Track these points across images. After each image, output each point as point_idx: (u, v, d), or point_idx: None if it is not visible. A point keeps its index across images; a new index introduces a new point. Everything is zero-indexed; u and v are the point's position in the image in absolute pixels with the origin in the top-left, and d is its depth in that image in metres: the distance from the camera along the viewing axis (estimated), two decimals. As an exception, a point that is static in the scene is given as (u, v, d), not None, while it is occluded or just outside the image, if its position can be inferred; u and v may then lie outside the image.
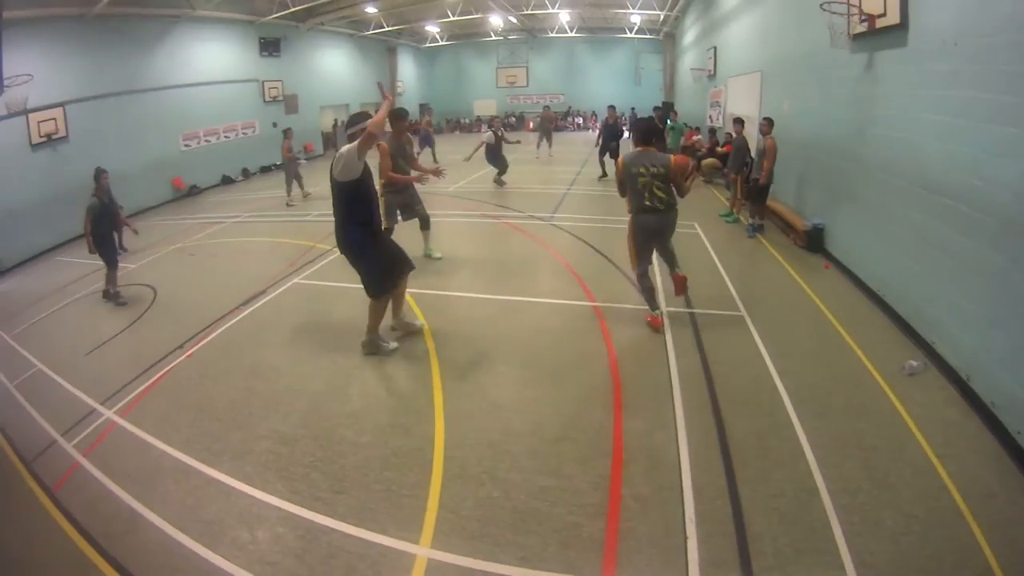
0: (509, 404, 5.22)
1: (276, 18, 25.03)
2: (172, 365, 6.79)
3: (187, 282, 10.26)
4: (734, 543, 3.50)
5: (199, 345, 7.28)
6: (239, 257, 11.39)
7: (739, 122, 11.65)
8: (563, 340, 6.51)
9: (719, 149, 16.25)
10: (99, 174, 10.60)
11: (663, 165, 6.35)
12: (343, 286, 8.57)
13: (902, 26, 6.78)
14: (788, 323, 6.75)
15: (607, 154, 17.08)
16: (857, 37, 7.93)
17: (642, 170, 6.35)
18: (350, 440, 4.92)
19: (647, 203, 6.46)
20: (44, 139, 16.57)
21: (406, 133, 9.12)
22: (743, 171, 11.37)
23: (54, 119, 16.83)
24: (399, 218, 9.44)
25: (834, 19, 8.19)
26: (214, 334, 7.58)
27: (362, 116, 6.02)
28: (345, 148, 5.64)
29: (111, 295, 9.78)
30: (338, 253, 6.69)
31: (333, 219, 6.18)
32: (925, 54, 6.38)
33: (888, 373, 5.48)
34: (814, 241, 9.37)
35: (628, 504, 3.85)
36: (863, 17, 7.54)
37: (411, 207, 9.42)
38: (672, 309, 7.00)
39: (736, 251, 9.70)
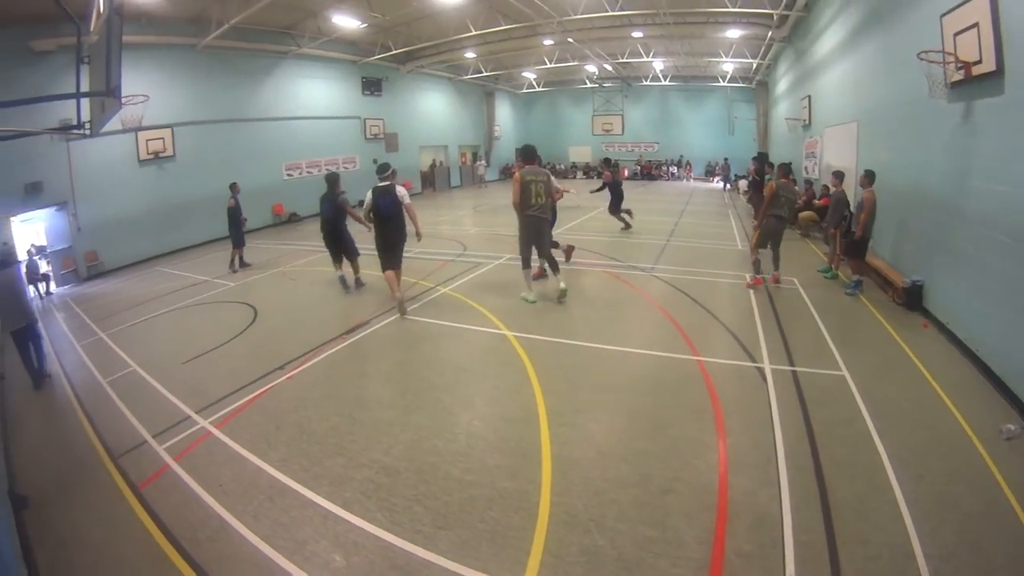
0: (616, 453, 4.99)
1: (378, 59, 25.97)
2: (272, 385, 6.74)
3: (287, 305, 10.34)
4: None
5: (300, 368, 7.20)
6: (340, 287, 11.19)
7: (838, 175, 11.11)
8: (668, 393, 6.22)
9: (816, 202, 15.70)
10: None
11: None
12: (448, 324, 8.57)
13: (998, 72, 6.45)
14: (888, 383, 6.38)
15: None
16: (955, 86, 7.50)
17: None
18: (455, 477, 4.69)
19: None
20: (151, 156, 17.90)
21: None
22: (841, 225, 10.81)
23: (162, 139, 18.17)
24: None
25: (931, 68, 7.81)
26: (316, 359, 7.49)
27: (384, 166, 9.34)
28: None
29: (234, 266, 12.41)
30: (443, 291, 8.42)
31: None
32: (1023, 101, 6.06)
33: (986, 437, 5.18)
34: (913, 298, 8.86)
35: (731, 560, 3.68)
36: (959, 65, 7.20)
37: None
38: (776, 367, 6.69)
39: (835, 308, 9.19)
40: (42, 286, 14.47)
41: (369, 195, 9.21)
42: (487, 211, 21.88)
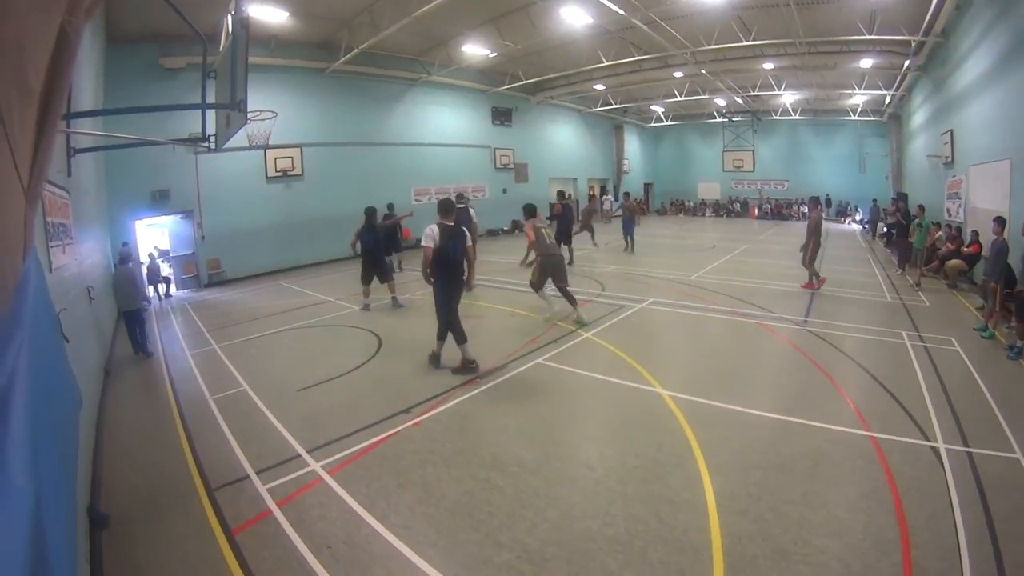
0: (795, 552, 4.11)
1: (508, 89, 26.10)
2: (396, 430, 6.02)
3: (416, 338, 9.33)
4: None
5: (429, 414, 6.45)
6: (473, 321, 10.37)
7: (999, 221, 9.98)
8: (843, 475, 5.29)
9: (964, 249, 14.17)
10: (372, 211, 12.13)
11: None
12: (593, 376, 7.63)
13: None
14: None
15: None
16: None
17: None
18: (612, 572, 3.79)
19: None
20: (280, 174, 18.61)
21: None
22: (1001, 279, 9.67)
23: (291, 157, 18.84)
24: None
25: None
26: (447, 404, 6.71)
27: (448, 204, 7.66)
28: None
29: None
30: (586, 335, 8.37)
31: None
32: None
33: None
34: None
35: None
36: None
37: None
38: (950, 447, 5.79)
39: (999, 376, 7.95)
40: (162, 287, 15.08)
41: (433, 233, 7.30)
42: (617, 248, 20.77)
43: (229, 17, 8.22)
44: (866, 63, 21.84)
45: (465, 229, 7.76)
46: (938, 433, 6.08)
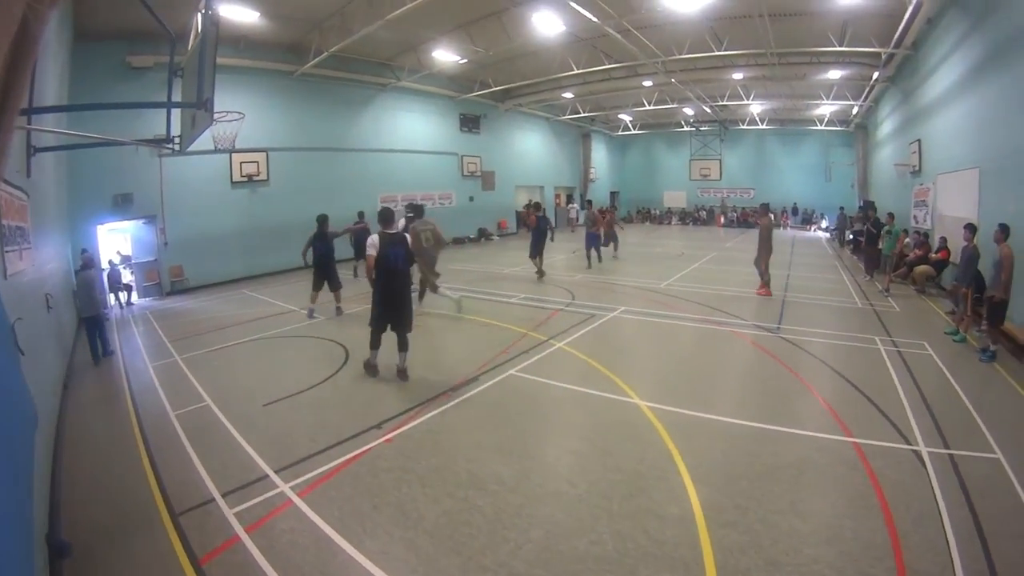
0: (788, 562, 4.07)
1: (477, 96, 25.96)
2: (367, 447, 5.77)
3: (383, 349, 8.64)
4: None
5: (401, 429, 6.21)
6: (442, 333, 10.47)
7: (970, 228, 10.19)
8: (829, 483, 5.36)
9: (933, 255, 14.63)
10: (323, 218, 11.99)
11: None
12: (569, 388, 7.53)
13: None
14: None
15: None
16: None
17: None
18: None
19: None
20: (245, 179, 18.13)
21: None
22: (972, 285, 9.98)
23: (256, 162, 18.36)
24: None
25: None
26: (420, 419, 6.49)
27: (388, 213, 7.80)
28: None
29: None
30: (558, 345, 8.53)
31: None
32: None
33: None
34: None
35: None
36: None
37: None
38: (932, 450, 5.91)
39: (974, 378, 8.22)
40: (123, 295, 14.62)
41: (375, 242, 7.55)
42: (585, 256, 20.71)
43: (199, 16, 7.98)
44: (835, 74, 22.25)
45: (406, 235, 7.93)
46: (918, 437, 6.15)
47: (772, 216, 14.60)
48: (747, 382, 8.13)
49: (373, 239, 7.51)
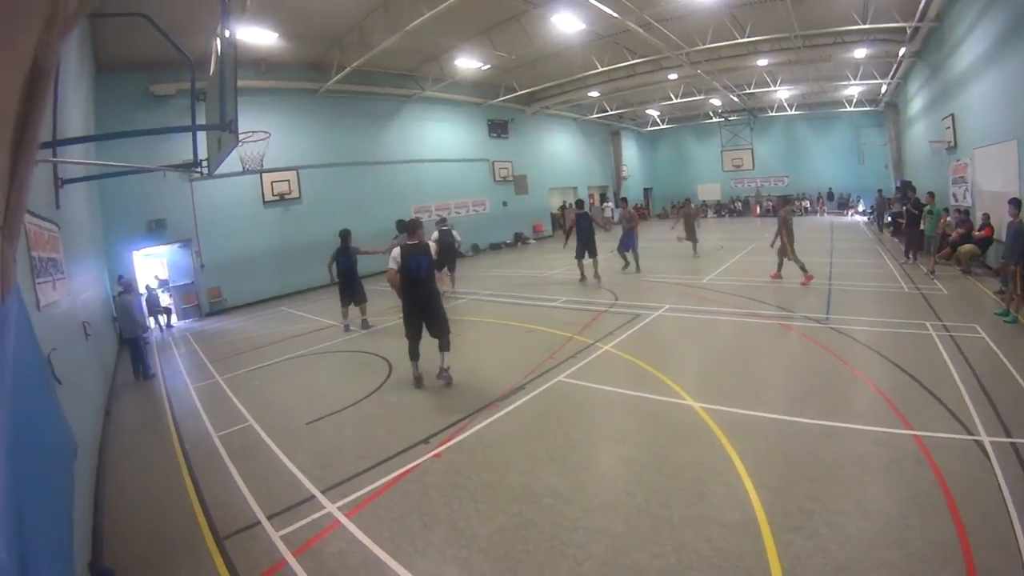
0: (859, 568, 3.86)
1: (503, 101, 25.87)
2: (416, 463, 5.60)
3: (427, 359, 8.49)
4: None
5: (450, 443, 6.03)
6: (487, 340, 10.31)
7: (1015, 202, 9.90)
8: (892, 479, 5.09)
9: (976, 233, 14.18)
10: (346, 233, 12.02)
11: None
12: (619, 392, 7.29)
13: None
14: None
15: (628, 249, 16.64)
16: None
17: None
18: None
19: None
20: (277, 198, 18.43)
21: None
22: (1021, 262, 9.62)
23: (287, 181, 18.67)
24: None
25: None
26: (468, 432, 6.30)
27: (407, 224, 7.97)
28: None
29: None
30: (605, 348, 8.51)
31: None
32: None
33: None
34: None
35: None
36: None
37: None
38: (994, 439, 5.62)
39: None
40: (163, 318, 14.83)
41: (396, 255, 7.57)
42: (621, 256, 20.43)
43: (217, 40, 8.00)
44: (861, 53, 21.81)
45: (430, 243, 7.85)
46: (979, 426, 5.93)
47: (792, 205, 14.47)
48: (800, 377, 7.83)
49: (395, 253, 7.54)
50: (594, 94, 27.87)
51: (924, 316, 10.04)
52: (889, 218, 23.54)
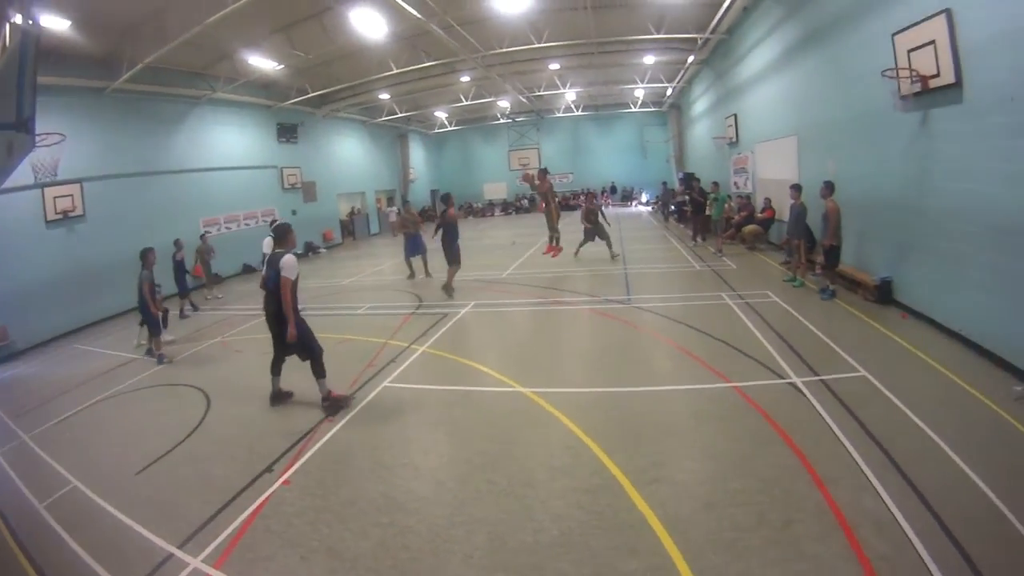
0: (720, 500, 4.50)
1: (293, 104, 24.94)
2: (267, 494, 5.21)
3: (245, 384, 8.38)
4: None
5: (295, 466, 5.72)
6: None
7: (797, 188, 11.64)
8: (726, 424, 5.91)
9: (759, 215, 16.47)
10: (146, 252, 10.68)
11: None
12: (449, 389, 7.56)
13: (957, 84, 7.32)
14: (902, 373, 6.83)
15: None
16: (910, 97, 8.31)
17: None
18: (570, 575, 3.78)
19: None
20: (60, 216, 15.60)
21: None
22: (803, 237, 11.47)
23: (71, 195, 15.91)
24: None
25: (887, 81, 8.64)
26: (310, 452, 6.02)
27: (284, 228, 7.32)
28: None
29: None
30: (422, 349, 8.94)
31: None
32: (983, 109, 6.95)
33: (999, 400, 5.80)
34: (884, 294, 9.70)
35: (879, 566, 3.60)
36: (915, 79, 8.06)
37: None
38: (805, 379, 6.78)
39: (819, 314, 9.52)
40: None
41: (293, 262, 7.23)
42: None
43: (8, 25, 6.91)
44: (650, 59, 23.87)
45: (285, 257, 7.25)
46: (788, 371, 7.01)
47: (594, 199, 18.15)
48: (617, 353, 8.54)
49: (289, 259, 6.96)
50: (385, 96, 27.86)
51: (719, 288, 11.38)
52: (673, 207, 25.93)
